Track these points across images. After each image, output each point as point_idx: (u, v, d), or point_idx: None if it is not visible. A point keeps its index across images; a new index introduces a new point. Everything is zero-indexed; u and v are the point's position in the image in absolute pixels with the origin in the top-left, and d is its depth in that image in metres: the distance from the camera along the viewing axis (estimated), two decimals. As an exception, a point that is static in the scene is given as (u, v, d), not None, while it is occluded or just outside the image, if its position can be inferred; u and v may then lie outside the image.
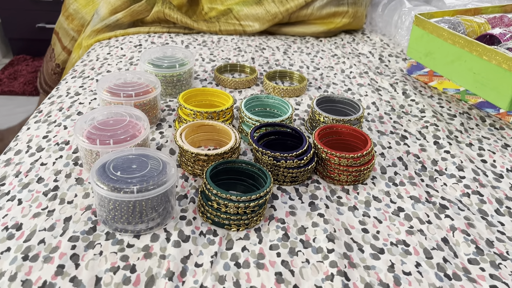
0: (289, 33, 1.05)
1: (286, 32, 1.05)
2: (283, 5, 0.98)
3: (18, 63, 2.13)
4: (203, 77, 0.86)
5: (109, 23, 1.01)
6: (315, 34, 1.04)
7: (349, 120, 0.67)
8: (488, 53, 0.69)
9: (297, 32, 1.04)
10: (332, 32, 1.05)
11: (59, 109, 0.72)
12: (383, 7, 1.02)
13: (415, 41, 0.84)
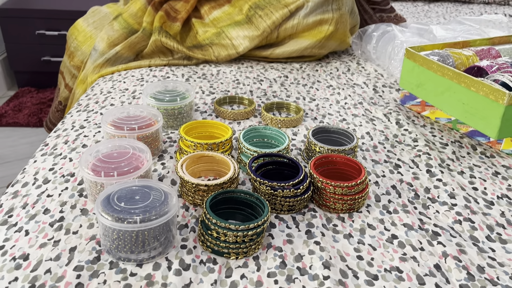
0: (282, 56, 1.09)
1: (279, 54, 1.08)
2: (269, 18, 1.03)
3: (23, 95, 2.18)
4: (203, 109, 0.89)
5: (109, 56, 1.05)
6: (307, 49, 1.08)
7: (343, 150, 0.69)
8: (476, 85, 0.73)
9: (290, 52, 1.08)
10: (323, 46, 1.09)
11: (65, 142, 0.75)
12: (377, 39, 1.06)
13: (407, 73, 0.88)
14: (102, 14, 1.16)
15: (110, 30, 1.07)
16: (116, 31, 1.07)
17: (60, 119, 1.28)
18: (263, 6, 1.03)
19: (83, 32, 1.16)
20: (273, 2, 1.03)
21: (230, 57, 1.08)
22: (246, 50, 1.07)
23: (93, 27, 1.15)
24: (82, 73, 1.10)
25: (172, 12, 1.05)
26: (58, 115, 1.27)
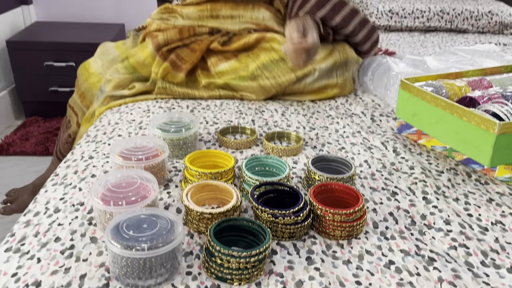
0: (285, 99, 1.13)
1: (282, 98, 1.13)
2: (275, 80, 1.07)
3: (30, 124, 2.22)
4: (207, 139, 0.93)
5: (116, 95, 1.10)
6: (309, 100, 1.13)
7: (342, 178, 0.72)
8: (467, 115, 0.76)
9: (293, 99, 1.13)
10: (324, 98, 1.14)
11: (74, 172, 0.78)
12: (373, 71, 1.11)
13: (402, 103, 0.91)
14: (111, 56, 1.21)
15: (116, 72, 1.11)
16: (122, 74, 1.11)
17: (69, 151, 1.32)
18: (270, 69, 1.07)
19: (93, 75, 1.20)
20: (281, 66, 1.07)
21: (235, 98, 1.12)
22: (251, 100, 1.11)
23: (102, 69, 1.19)
24: (88, 112, 1.15)
25: (178, 60, 1.08)
26: (67, 147, 1.31)
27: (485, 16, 1.92)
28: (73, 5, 2.55)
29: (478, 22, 1.93)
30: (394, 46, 1.71)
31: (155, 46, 1.10)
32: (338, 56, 1.11)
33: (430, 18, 1.93)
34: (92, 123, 1.11)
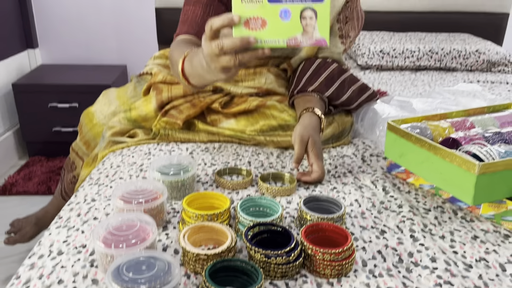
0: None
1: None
2: (272, 139, 1.11)
3: (33, 164, 2.27)
4: (205, 180, 0.97)
5: (117, 141, 1.15)
6: None
7: (332, 218, 0.76)
8: (450, 156, 0.81)
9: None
10: None
11: (77, 214, 0.82)
12: (363, 117, 1.16)
13: (390, 144, 0.96)
14: (112, 107, 1.26)
15: (117, 122, 1.16)
16: (123, 124, 1.16)
17: (73, 191, 1.37)
18: (268, 134, 1.11)
19: (97, 125, 1.26)
20: (280, 132, 1.11)
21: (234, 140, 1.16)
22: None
23: (105, 120, 1.25)
24: (89, 156, 1.20)
25: (175, 112, 1.13)
26: (72, 186, 1.36)
27: (472, 55, 2.00)
28: (77, 48, 2.66)
29: (466, 61, 2.01)
30: (386, 85, 1.77)
31: (159, 103, 1.15)
32: (336, 126, 1.15)
33: (420, 58, 2.01)
34: (94, 166, 1.15)
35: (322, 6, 0.73)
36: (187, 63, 0.87)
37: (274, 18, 0.73)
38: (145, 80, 1.34)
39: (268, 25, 0.73)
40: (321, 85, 1.15)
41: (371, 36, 2.20)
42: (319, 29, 0.74)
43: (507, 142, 0.88)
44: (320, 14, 0.73)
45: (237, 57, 0.73)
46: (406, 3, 2.41)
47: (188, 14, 1.11)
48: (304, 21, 0.73)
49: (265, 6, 0.72)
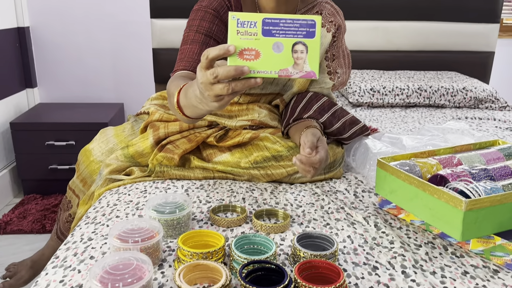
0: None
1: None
2: (266, 172, 1.15)
3: (28, 202, 2.27)
4: (200, 217, 0.98)
5: (114, 178, 1.17)
6: None
7: (325, 255, 0.78)
8: (438, 193, 0.83)
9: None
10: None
11: (74, 254, 0.83)
12: (355, 151, 1.19)
13: (380, 181, 0.99)
14: (110, 145, 1.29)
15: (115, 159, 1.19)
16: (120, 161, 1.19)
17: (68, 230, 1.37)
18: (262, 166, 1.15)
19: (93, 162, 1.28)
20: (273, 163, 1.15)
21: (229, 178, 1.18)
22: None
23: (102, 157, 1.28)
24: (85, 194, 1.22)
25: (172, 147, 1.16)
26: (68, 225, 1.36)
27: (460, 92, 2.07)
28: (75, 86, 2.71)
29: (454, 98, 2.07)
30: (377, 122, 1.82)
31: (155, 139, 1.18)
32: (328, 157, 1.19)
33: (410, 95, 2.07)
34: (90, 205, 1.17)
35: (313, 41, 0.78)
36: (182, 95, 0.91)
37: (268, 50, 0.78)
38: (142, 119, 1.37)
39: (262, 57, 0.78)
40: (315, 113, 1.20)
41: (362, 75, 2.27)
42: (309, 63, 0.78)
43: (492, 179, 0.91)
44: (311, 49, 0.78)
45: (230, 85, 0.76)
46: (395, 43, 2.51)
47: (185, 52, 1.16)
48: (295, 54, 0.78)
49: (260, 39, 0.77)
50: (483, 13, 2.48)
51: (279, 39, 0.78)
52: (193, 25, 1.17)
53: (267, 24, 0.77)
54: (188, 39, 1.16)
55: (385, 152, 1.13)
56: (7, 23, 2.42)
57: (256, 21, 0.77)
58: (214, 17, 1.17)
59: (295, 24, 0.77)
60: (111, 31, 2.64)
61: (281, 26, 0.77)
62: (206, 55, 0.77)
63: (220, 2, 1.19)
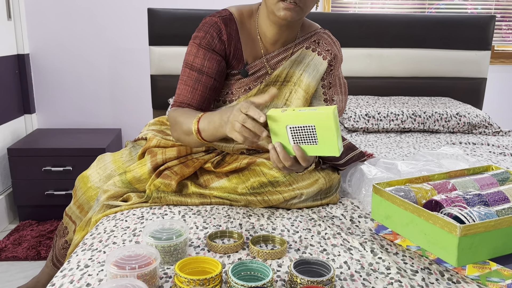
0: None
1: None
2: (263, 197, 1.16)
3: (24, 228, 2.25)
4: (197, 244, 0.99)
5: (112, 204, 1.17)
6: None
7: (322, 281, 0.78)
8: (432, 218, 0.84)
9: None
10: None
11: (70, 281, 0.82)
12: (350, 177, 1.21)
13: (376, 206, 1.00)
14: (108, 171, 1.30)
15: (113, 185, 1.20)
16: (118, 187, 1.20)
17: (64, 257, 1.36)
18: (259, 192, 1.16)
19: (91, 188, 1.29)
20: (270, 189, 1.17)
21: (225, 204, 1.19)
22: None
23: (100, 184, 1.29)
24: (83, 220, 1.22)
25: (169, 173, 1.18)
26: (64, 252, 1.36)
27: (454, 118, 2.10)
28: (73, 112, 2.73)
29: (448, 123, 2.10)
30: (372, 147, 1.84)
31: (153, 165, 1.20)
32: (323, 182, 1.21)
33: (404, 121, 2.10)
34: (87, 231, 1.17)
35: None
36: (204, 120, 1.05)
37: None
38: (140, 145, 1.39)
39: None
40: None
41: (357, 100, 2.31)
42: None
43: (486, 204, 0.92)
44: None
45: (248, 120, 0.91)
46: (389, 69, 2.55)
47: (180, 91, 1.21)
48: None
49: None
50: (475, 41, 2.54)
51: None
52: (188, 61, 1.22)
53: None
54: (184, 77, 1.22)
55: (381, 177, 1.14)
56: (7, 50, 2.45)
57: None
58: (205, 53, 1.20)
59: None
60: (110, 58, 2.68)
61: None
62: (248, 108, 0.92)
63: (212, 35, 1.21)
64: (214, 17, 1.24)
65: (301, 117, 0.91)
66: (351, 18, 2.51)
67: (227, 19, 1.23)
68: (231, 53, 1.24)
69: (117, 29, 2.64)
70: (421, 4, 2.82)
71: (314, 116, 0.89)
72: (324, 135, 0.90)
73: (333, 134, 0.89)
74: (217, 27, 1.22)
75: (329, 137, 0.90)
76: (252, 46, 1.28)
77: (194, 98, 1.19)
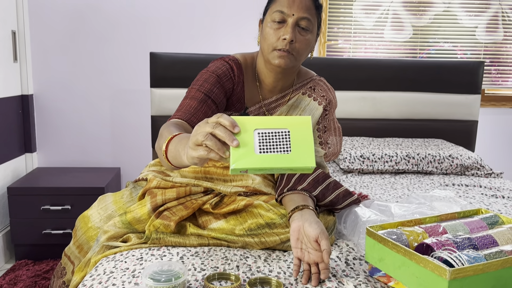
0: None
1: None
2: (260, 239, 1.18)
3: (19, 268, 2.24)
4: (195, 286, 1.00)
5: (112, 245, 1.19)
6: None
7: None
8: (423, 261, 0.87)
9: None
10: None
11: (71, 323, 0.84)
12: (345, 219, 1.24)
13: (370, 249, 1.03)
14: (109, 211, 1.33)
15: (113, 226, 1.23)
16: (118, 228, 1.22)
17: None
18: (256, 233, 1.19)
19: (91, 228, 1.32)
20: (267, 230, 1.19)
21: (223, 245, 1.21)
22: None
23: (100, 224, 1.31)
24: (82, 261, 1.23)
25: (168, 213, 1.20)
26: (61, 293, 1.37)
27: (446, 160, 2.15)
28: (73, 151, 2.78)
29: (441, 165, 2.15)
30: (367, 188, 1.88)
31: (153, 206, 1.23)
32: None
33: (398, 162, 2.15)
34: (86, 272, 1.18)
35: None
36: (176, 139, 0.96)
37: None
38: (140, 185, 1.42)
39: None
40: (309, 185, 1.25)
41: (352, 142, 2.37)
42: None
43: (476, 248, 0.95)
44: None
45: (211, 136, 0.80)
46: (383, 111, 2.63)
47: (184, 105, 1.26)
48: None
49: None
50: (465, 85, 2.64)
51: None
52: (196, 84, 1.29)
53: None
54: (189, 95, 1.28)
55: (374, 220, 1.18)
56: (12, 91, 2.53)
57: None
58: (216, 82, 1.28)
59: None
60: (112, 99, 2.76)
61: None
62: (218, 117, 0.82)
63: (224, 71, 1.30)
64: (225, 59, 1.32)
65: (273, 121, 0.81)
66: (345, 62, 2.61)
67: (237, 63, 1.32)
68: (235, 95, 1.31)
69: (120, 71, 2.74)
70: (413, 49, 2.94)
71: (290, 121, 0.81)
72: (300, 143, 0.80)
73: (310, 141, 0.80)
74: (229, 67, 1.31)
75: (305, 145, 0.80)
76: (252, 92, 1.35)
77: (196, 114, 1.22)
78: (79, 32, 2.67)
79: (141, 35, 2.71)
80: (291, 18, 1.23)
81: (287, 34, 1.22)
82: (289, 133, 0.80)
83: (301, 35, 1.25)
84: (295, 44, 1.24)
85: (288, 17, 1.23)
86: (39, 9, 2.63)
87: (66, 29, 2.66)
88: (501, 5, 2.92)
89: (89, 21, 2.67)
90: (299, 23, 1.24)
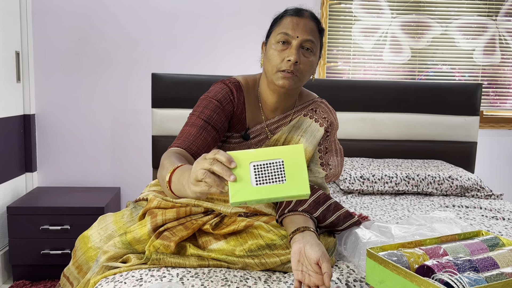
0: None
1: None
2: (260, 260, 1.18)
3: (17, 288, 2.22)
4: (194, 307, 1.00)
5: (111, 265, 1.19)
6: None
7: None
8: (424, 283, 0.87)
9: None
10: None
11: None
12: (345, 240, 1.24)
13: (370, 270, 1.02)
14: (109, 231, 1.33)
15: (113, 246, 1.22)
16: (118, 248, 1.22)
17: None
18: (257, 254, 1.19)
19: (91, 249, 1.31)
20: (267, 252, 1.19)
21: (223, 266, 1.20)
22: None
23: (100, 244, 1.31)
24: (81, 282, 1.23)
25: (168, 234, 1.20)
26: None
27: (446, 181, 2.16)
28: (73, 171, 2.78)
29: (441, 186, 2.15)
30: (367, 209, 1.88)
31: (153, 226, 1.23)
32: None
33: (398, 183, 2.15)
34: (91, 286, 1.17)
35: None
36: (178, 172, 0.98)
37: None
38: (141, 206, 1.43)
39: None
40: (310, 206, 1.25)
41: (352, 162, 2.37)
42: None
43: (476, 270, 0.95)
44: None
45: (209, 173, 0.83)
46: (382, 133, 2.65)
47: (184, 132, 1.28)
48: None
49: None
50: (463, 107, 2.66)
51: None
52: (197, 111, 1.31)
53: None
54: (190, 122, 1.30)
55: (375, 241, 1.17)
56: (14, 110, 2.55)
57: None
58: (216, 107, 1.30)
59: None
60: (113, 119, 2.78)
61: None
62: (215, 153, 0.85)
63: (224, 94, 1.32)
64: (225, 82, 1.34)
65: (267, 153, 0.84)
66: (345, 84, 2.64)
67: (237, 86, 1.34)
68: (236, 117, 1.32)
69: (121, 92, 2.76)
70: (411, 71, 2.98)
71: (282, 151, 0.84)
72: (294, 171, 0.83)
73: (304, 169, 0.83)
74: (229, 90, 1.33)
75: (299, 173, 0.83)
76: (254, 113, 1.37)
77: (196, 142, 1.24)
78: (82, 53, 2.71)
79: (143, 57, 2.75)
80: (296, 40, 1.26)
81: (291, 56, 1.24)
82: (283, 162, 0.83)
83: (305, 57, 1.27)
84: (299, 66, 1.27)
85: (292, 39, 1.26)
86: (43, 31, 2.67)
87: (69, 50, 2.70)
88: (498, 28, 2.97)
89: (92, 42, 2.71)
90: (303, 45, 1.27)
